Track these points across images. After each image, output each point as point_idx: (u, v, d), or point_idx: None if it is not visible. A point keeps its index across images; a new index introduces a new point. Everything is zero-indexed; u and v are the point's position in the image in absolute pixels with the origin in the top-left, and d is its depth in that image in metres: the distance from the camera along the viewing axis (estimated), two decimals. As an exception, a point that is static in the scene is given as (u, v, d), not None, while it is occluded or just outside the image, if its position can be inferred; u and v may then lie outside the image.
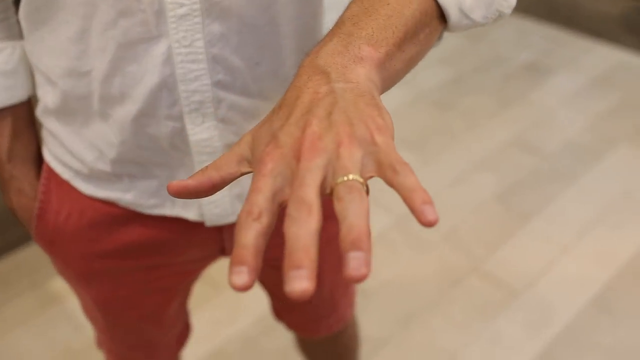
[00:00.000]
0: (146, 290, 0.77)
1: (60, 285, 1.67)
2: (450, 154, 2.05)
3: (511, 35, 2.65)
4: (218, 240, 0.74)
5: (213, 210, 0.67)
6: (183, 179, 0.40)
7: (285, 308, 0.94)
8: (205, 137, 0.61)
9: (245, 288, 0.32)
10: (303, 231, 0.32)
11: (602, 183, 1.90)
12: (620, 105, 2.22)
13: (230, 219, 0.69)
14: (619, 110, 2.20)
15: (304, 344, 1.09)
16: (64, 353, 1.52)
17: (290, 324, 0.97)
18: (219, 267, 1.67)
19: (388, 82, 0.45)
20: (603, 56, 2.49)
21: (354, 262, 0.30)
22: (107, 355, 0.89)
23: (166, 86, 0.57)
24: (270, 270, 0.80)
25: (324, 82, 0.40)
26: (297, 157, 0.35)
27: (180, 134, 0.60)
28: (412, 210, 0.34)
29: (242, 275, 0.32)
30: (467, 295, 1.59)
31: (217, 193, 0.65)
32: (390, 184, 0.35)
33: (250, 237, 0.33)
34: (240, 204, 0.68)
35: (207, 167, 0.40)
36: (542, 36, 2.64)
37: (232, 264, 0.32)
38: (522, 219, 1.80)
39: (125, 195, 0.67)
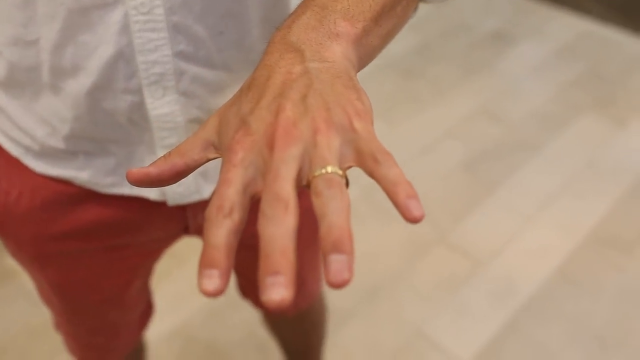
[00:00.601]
0: (106, 273, 0.73)
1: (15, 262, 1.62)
2: (417, 123, 2.03)
3: (477, 2, 2.63)
4: (181, 219, 0.70)
5: (175, 189, 0.64)
6: (143, 167, 0.37)
7: (251, 286, 0.91)
8: (166, 111, 0.57)
9: (217, 293, 0.29)
10: (280, 231, 0.29)
11: (566, 153, 1.91)
12: (585, 75, 2.23)
13: (194, 197, 0.65)
14: (584, 79, 2.21)
15: (271, 321, 1.07)
16: (23, 330, 1.48)
17: (257, 303, 0.94)
18: (181, 240, 1.63)
19: (364, 59, 0.42)
20: (568, 25, 2.48)
21: (335, 266, 0.28)
22: (65, 338, 0.85)
23: (123, 57, 0.53)
24: (238, 248, 0.77)
25: (298, 61, 0.37)
26: (270, 145, 0.33)
27: (139, 109, 0.57)
28: (396, 204, 0.31)
29: (214, 280, 0.29)
30: (433, 267, 1.59)
31: None
32: (371, 175, 0.33)
33: (221, 236, 0.30)
34: (204, 182, 0.65)
35: (169, 152, 0.37)
36: (507, 3, 2.62)
37: (202, 266, 0.29)
38: (488, 188, 1.80)
39: (80, 174, 0.63)
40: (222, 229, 0.30)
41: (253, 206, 0.70)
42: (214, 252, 0.30)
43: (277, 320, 1.05)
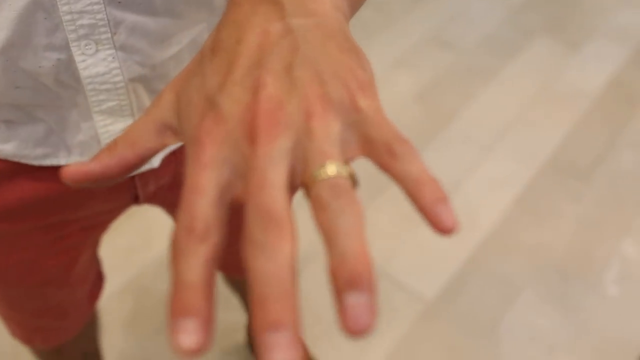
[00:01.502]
0: (47, 253, 0.65)
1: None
2: (366, 53, 1.94)
3: None
4: (129, 188, 0.62)
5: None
6: (82, 162, 0.28)
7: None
8: (101, 70, 0.48)
9: (197, 351, 0.21)
10: (276, 266, 0.22)
11: (520, 78, 1.87)
12: (534, -4, 2.17)
13: (143, 167, 0.57)
14: (535, 1, 2.15)
15: (232, 280, 1.00)
16: None
17: (219, 267, 0.88)
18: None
19: (353, 10, 0.34)
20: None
21: (353, 310, 0.21)
22: (6, 322, 0.77)
23: (42, 6, 0.43)
24: None
25: (276, 17, 0.28)
26: (250, 135, 0.25)
27: (67, 68, 0.47)
28: (422, 210, 0.24)
29: (191, 335, 0.21)
30: (392, 203, 1.55)
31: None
32: (386, 170, 0.25)
33: (197, 269, 0.23)
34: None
35: (115, 141, 0.29)
36: None
37: (174, 314, 0.22)
38: (443, 119, 1.75)
39: (4, 146, 0.53)
40: (197, 259, 0.23)
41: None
42: (188, 294, 0.22)
43: (239, 280, 0.98)
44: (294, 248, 0.23)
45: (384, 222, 1.51)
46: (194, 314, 0.22)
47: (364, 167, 1.62)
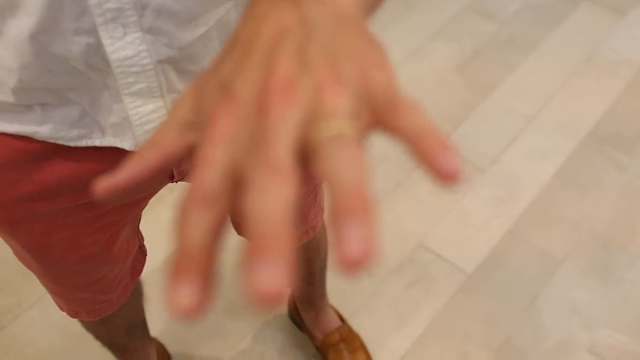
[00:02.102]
0: (87, 230, 0.67)
1: None
2: (405, 24, 1.92)
3: None
4: (163, 166, 0.63)
5: (151, 137, 0.56)
6: (111, 177, 0.28)
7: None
8: (129, 53, 0.49)
9: (194, 310, 0.21)
10: (273, 203, 0.22)
11: (563, 47, 1.82)
12: (580, -40, 2.10)
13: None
14: (579, -35, 2.08)
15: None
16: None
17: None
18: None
19: (373, 5, 0.34)
20: None
21: (351, 238, 0.21)
22: (51, 295, 0.80)
23: None
24: None
25: (291, 8, 0.29)
26: (262, 112, 0.25)
27: (97, 52, 0.49)
28: (423, 157, 0.23)
29: (186, 293, 0.21)
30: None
31: (153, 118, 0.54)
32: (390, 129, 0.25)
33: (197, 234, 0.23)
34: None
35: (140, 148, 0.29)
36: None
37: (174, 273, 0.22)
38: (484, 90, 1.73)
39: (41, 128, 0.55)
40: (201, 225, 0.23)
41: None
42: (190, 255, 0.22)
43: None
44: (292, 191, 0.22)
45: (423, 194, 1.51)
46: (194, 273, 0.22)
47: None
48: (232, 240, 1.36)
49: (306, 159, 0.26)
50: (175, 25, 0.50)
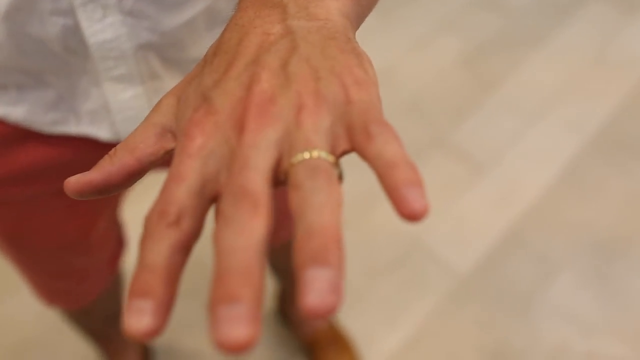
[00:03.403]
0: (63, 218, 0.64)
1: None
2: (409, 15, 1.87)
3: None
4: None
5: (130, 127, 0.52)
6: (83, 173, 0.28)
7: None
8: (109, 37, 0.45)
9: (148, 335, 0.21)
10: (242, 241, 0.21)
11: (572, 44, 1.78)
12: (593, -44, 2.05)
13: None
14: (591, -39, 2.03)
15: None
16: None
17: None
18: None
19: (362, 16, 0.32)
20: None
21: (313, 286, 0.20)
22: (28, 284, 0.77)
23: None
24: None
25: (278, 19, 0.28)
26: (239, 127, 0.25)
27: (74, 34, 0.45)
28: (389, 193, 0.22)
29: (144, 316, 0.21)
30: (431, 171, 1.50)
31: (133, 105, 0.51)
32: (362, 154, 0.24)
33: (161, 253, 0.22)
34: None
35: (115, 149, 0.28)
36: None
37: (131, 295, 0.22)
38: (489, 85, 1.68)
39: (14, 110, 0.52)
40: (163, 243, 0.23)
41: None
42: (148, 276, 0.22)
43: (270, 250, 0.96)
44: (264, 226, 0.22)
45: (420, 192, 1.47)
46: (150, 295, 0.21)
47: (403, 135, 1.57)
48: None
49: (280, 180, 0.25)
50: (159, 9, 0.46)
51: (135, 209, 1.45)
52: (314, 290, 0.20)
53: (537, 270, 1.35)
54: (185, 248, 0.23)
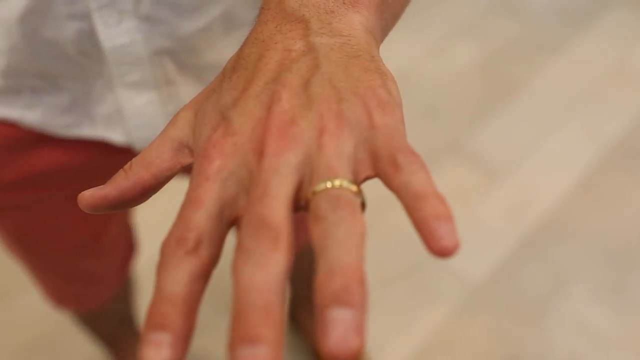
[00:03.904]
0: (75, 221, 0.64)
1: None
2: (427, 19, 1.86)
3: None
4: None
5: (144, 133, 0.52)
6: (98, 187, 0.27)
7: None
8: (124, 42, 0.45)
9: None
10: (263, 276, 0.20)
11: (592, 51, 1.75)
12: (615, -38, 2.02)
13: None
14: (613, -32, 2.00)
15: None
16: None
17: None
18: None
19: (386, 31, 0.31)
20: None
21: (336, 328, 0.19)
22: (39, 286, 0.77)
23: None
24: None
25: (299, 35, 0.27)
26: (259, 149, 0.24)
27: (89, 38, 0.45)
28: (418, 227, 0.22)
29: (163, 350, 0.20)
30: (445, 178, 1.49)
31: (147, 110, 0.50)
32: (388, 184, 0.23)
33: (179, 282, 0.22)
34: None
35: (130, 163, 0.28)
36: None
37: (148, 327, 0.21)
38: (506, 92, 1.66)
39: (28, 114, 0.51)
40: (182, 272, 0.22)
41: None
42: (166, 307, 0.21)
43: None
44: (285, 260, 0.21)
45: (434, 198, 1.46)
46: (169, 328, 0.21)
47: (417, 140, 1.56)
48: (229, 236, 1.32)
49: (299, 205, 0.24)
50: (175, 15, 0.45)
51: (147, 212, 1.45)
52: (336, 332, 0.19)
53: (551, 280, 1.33)
54: (204, 276, 0.22)
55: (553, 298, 1.31)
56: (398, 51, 1.75)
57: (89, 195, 0.27)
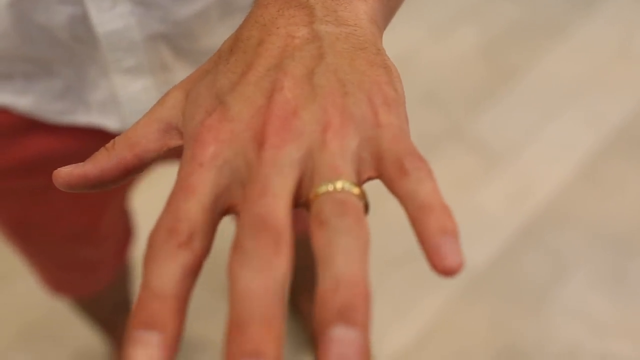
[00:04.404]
0: (70, 208, 0.62)
1: None
2: (428, 3, 1.84)
3: None
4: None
5: (138, 118, 0.51)
6: (77, 164, 0.26)
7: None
8: (118, 27, 0.43)
9: None
10: (262, 282, 0.19)
11: (595, 35, 1.74)
12: (619, -54, 1.99)
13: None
14: (617, -49, 1.98)
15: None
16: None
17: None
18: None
19: (388, 21, 0.30)
20: None
21: (339, 348, 0.18)
22: (35, 273, 0.76)
23: None
24: None
25: (304, 22, 0.26)
26: (258, 139, 0.23)
27: (82, 23, 0.43)
28: (422, 240, 0.20)
29: (151, 350, 0.19)
30: (446, 163, 1.48)
31: (143, 97, 0.49)
32: (392, 189, 0.22)
33: (170, 278, 0.20)
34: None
35: (114, 142, 0.26)
36: None
37: (136, 324, 0.19)
38: (508, 77, 1.65)
39: (21, 99, 0.50)
40: (173, 266, 0.20)
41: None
42: (156, 305, 0.20)
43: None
44: (286, 264, 0.20)
45: (435, 184, 1.45)
46: (158, 328, 0.19)
47: (417, 125, 1.55)
48: (224, 221, 1.31)
49: (299, 202, 0.23)
50: None
51: (144, 197, 1.44)
52: (338, 352, 0.18)
53: (551, 267, 1.33)
54: (196, 271, 0.21)
55: (553, 285, 1.30)
56: (398, 35, 1.74)
57: (67, 173, 0.26)
